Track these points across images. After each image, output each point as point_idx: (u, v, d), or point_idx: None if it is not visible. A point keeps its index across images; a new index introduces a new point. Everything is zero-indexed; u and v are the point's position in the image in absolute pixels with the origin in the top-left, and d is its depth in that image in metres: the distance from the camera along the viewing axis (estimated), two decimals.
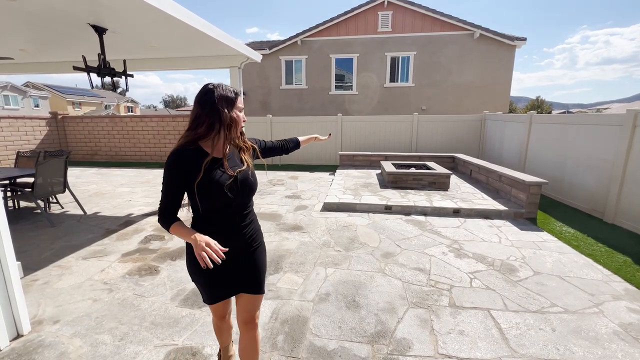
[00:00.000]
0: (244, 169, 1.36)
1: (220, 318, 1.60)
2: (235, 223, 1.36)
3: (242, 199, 1.36)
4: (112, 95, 42.60)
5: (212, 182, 1.26)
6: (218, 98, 1.26)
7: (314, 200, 5.61)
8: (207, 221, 1.33)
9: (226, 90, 1.30)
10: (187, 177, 1.25)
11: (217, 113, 1.25)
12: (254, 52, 5.67)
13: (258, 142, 1.62)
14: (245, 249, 1.42)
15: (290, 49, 13.76)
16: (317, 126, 9.45)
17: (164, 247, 3.62)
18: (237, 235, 1.37)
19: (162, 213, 1.33)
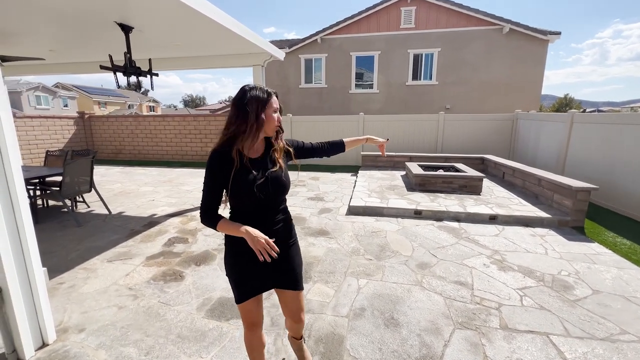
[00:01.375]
0: (275, 169, 1.38)
1: (249, 326, 1.51)
2: (268, 220, 1.40)
3: (274, 198, 1.40)
4: (135, 95, 43.96)
5: (242, 182, 1.30)
6: (249, 99, 1.28)
7: (337, 202, 5.40)
8: (243, 218, 1.35)
9: (259, 91, 1.31)
10: (222, 176, 1.31)
11: (245, 114, 1.28)
12: (277, 50, 5.53)
13: (294, 143, 1.61)
14: (280, 245, 1.40)
15: (310, 48, 13.59)
16: (338, 126, 9.23)
17: (188, 251, 3.52)
18: (271, 232, 1.38)
19: (204, 212, 1.36)
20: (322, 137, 9.34)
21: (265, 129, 1.34)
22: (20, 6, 3.27)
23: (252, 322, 1.49)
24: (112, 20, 3.60)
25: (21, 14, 3.50)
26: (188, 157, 10.41)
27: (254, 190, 1.30)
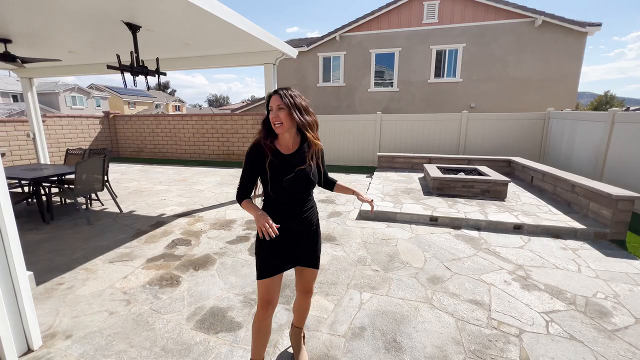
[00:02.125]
0: (304, 167, 1.50)
1: (264, 304, 1.59)
2: (296, 209, 1.55)
3: (301, 191, 1.54)
4: (162, 95, 45.67)
5: (272, 175, 1.47)
6: (266, 101, 1.51)
7: (349, 206, 5.17)
8: (273, 205, 1.54)
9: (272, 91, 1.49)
10: (255, 166, 1.51)
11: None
12: (289, 48, 5.37)
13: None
14: (305, 230, 1.61)
15: (329, 45, 13.37)
16: (353, 126, 8.96)
17: (189, 254, 3.43)
18: (298, 220, 1.56)
19: (238, 192, 1.57)
20: (337, 137, 9.14)
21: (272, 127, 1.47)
22: (35, 8, 3.31)
23: (268, 300, 1.58)
24: (119, 19, 3.58)
25: (36, 16, 3.55)
26: (205, 156, 10.54)
27: (282, 183, 1.46)
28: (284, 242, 1.55)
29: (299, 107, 1.44)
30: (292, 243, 1.58)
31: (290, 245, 1.57)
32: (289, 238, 1.55)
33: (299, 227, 1.58)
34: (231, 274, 3.01)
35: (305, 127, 1.48)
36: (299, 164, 1.49)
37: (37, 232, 4.04)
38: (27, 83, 7.22)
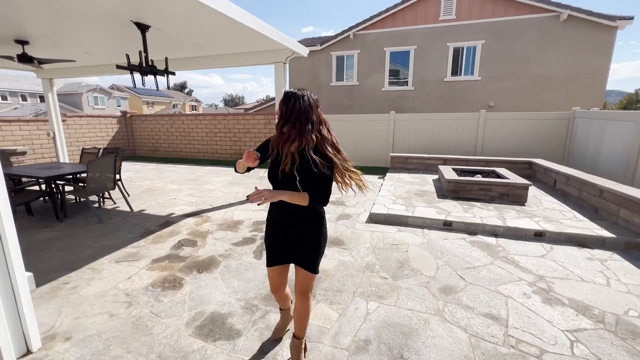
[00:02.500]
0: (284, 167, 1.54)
1: (273, 290, 1.91)
2: (282, 203, 1.58)
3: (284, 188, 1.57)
4: (180, 95, 46.69)
5: (270, 166, 1.63)
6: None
7: (359, 208, 5.02)
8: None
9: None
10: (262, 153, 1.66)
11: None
12: (299, 46, 5.27)
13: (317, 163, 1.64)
14: (294, 227, 1.66)
15: (342, 44, 13.21)
16: (366, 125, 8.78)
17: (194, 255, 3.39)
18: (284, 214, 1.65)
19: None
20: (349, 137, 8.98)
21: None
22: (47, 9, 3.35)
23: (273, 287, 1.90)
24: (128, 19, 3.58)
25: (49, 17, 3.60)
26: (217, 155, 10.61)
27: (271, 175, 1.62)
28: (277, 234, 1.72)
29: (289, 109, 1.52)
30: (285, 238, 1.70)
31: (283, 239, 1.70)
32: (280, 231, 1.70)
33: (286, 221, 1.67)
34: (235, 277, 2.94)
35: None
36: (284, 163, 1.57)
37: (50, 230, 4.12)
38: (47, 84, 7.45)
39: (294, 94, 1.50)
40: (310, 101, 1.51)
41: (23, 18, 3.68)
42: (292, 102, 1.49)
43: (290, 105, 1.48)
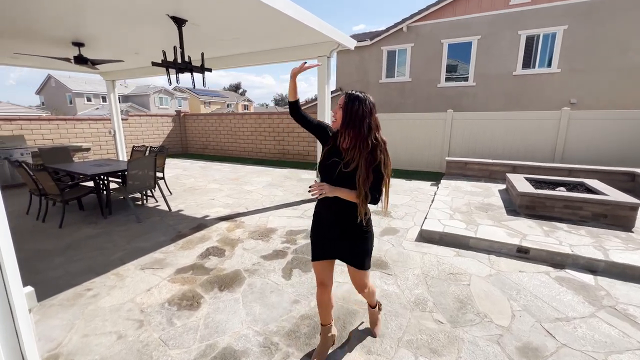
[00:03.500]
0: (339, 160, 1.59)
1: (318, 284, 1.86)
2: (329, 199, 1.64)
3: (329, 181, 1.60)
4: (234, 95, 49.24)
5: (322, 155, 1.69)
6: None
7: (407, 221, 4.35)
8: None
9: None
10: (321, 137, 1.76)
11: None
12: (345, 37, 4.76)
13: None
14: (346, 225, 1.68)
15: (394, 38, 12.33)
16: (420, 125, 7.92)
17: (219, 267, 3.10)
18: (330, 211, 1.69)
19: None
20: (399, 138, 8.20)
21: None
22: (94, 10, 3.32)
23: (320, 281, 1.85)
24: (164, 13, 3.42)
25: (97, 18, 3.60)
26: (261, 155, 10.59)
27: (319, 166, 1.68)
28: (323, 230, 1.75)
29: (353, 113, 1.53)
30: (331, 234, 1.73)
31: (329, 235, 1.74)
32: (327, 226, 1.73)
33: (335, 218, 1.69)
34: (257, 300, 2.55)
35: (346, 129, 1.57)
36: (338, 156, 1.60)
37: (93, 227, 4.20)
38: (110, 85, 7.99)
39: (357, 97, 1.53)
40: (371, 105, 1.54)
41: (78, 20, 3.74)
42: (355, 105, 1.52)
43: (355, 108, 1.51)
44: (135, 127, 10.66)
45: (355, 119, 1.51)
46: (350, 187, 1.56)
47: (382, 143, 1.56)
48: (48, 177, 3.99)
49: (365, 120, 1.51)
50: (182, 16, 3.52)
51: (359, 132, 1.51)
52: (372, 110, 1.55)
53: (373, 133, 1.54)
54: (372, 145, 1.52)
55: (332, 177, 1.60)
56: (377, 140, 1.54)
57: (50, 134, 8.69)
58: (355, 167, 1.52)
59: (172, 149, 11.97)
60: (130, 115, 10.54)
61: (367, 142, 1.52)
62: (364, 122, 1.51)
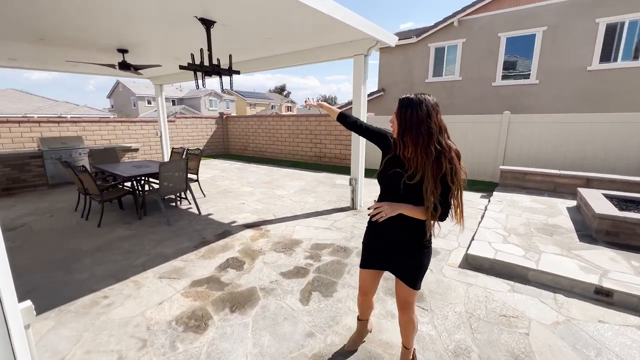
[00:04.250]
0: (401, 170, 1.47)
1: (362, 293, 1.84)
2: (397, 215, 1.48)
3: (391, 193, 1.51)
4: (278, 97, 50.58)
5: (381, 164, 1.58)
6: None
7: (451, 240, 3.79)
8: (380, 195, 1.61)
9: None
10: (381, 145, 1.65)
11: None
12: (384, 33, 4.32)
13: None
14: (397, 238, 1.57)
15: (443, 33, 11.41)
16: (470, 129, 7.10)
17: (235, 283, 2.90)
18: (389, 223, 1.49)
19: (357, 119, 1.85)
20: None
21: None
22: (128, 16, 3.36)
23: (363, 290, 1.83)
24: (192, 15, 3.32)
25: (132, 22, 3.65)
26: (298, 157, 10.46)
27: (379, 176, 1.57)
28: (379, 239, 1.64)
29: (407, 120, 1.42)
30: (386, 245, 1.62)
31: (384, 245, 1.63)
32: (383, 237, 1.62)
33: (393, 230, 1.57)
34: (268, 328, 2.28)
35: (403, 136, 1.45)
36: (400, 166, 1.47)
37: (126, 228, 4.31)
38: (158, 89, 8.43)
39: (410, 102, 1.41)
40: (429, 108, 1.39)
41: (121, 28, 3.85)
42: (408, 111, 1.40)
43: (408, 114, 1.40)
44: (182, 129, 11.22)
45: (411, 125, 1.40)
46: (415, 201, 1.44)
47: (447, 149, 1.39)
48: (89, 177, 4.17)
49: (422, 125, 1.37)
50: (210, 17, 3.41)
51: (417, 139, 1.38)
52: (431, 112, 1.39)
53: (435, 138, 1.38)
54: (436, 153, 1.37)
55: (395, 190, 1.49)
56: (442, 146, 1.38)
57: (108, 134, 9.46)
58: (421, 178, 1.39)
59: (215, 150, 12.41)
60: (178, 117, 11.11)
61: (430, 149, 1.37)
62: (421, 127, 1.37)
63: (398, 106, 1.45)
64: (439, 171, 1.37)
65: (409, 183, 1.42)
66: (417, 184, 1.40)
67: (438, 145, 1.38)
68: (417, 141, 1.38)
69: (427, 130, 1.36)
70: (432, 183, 1.37)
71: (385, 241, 1.61)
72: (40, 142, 6.58)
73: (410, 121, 1.39)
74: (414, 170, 1.41)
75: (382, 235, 1.62)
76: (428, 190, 1.37)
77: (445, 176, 1.38)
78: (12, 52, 5.03)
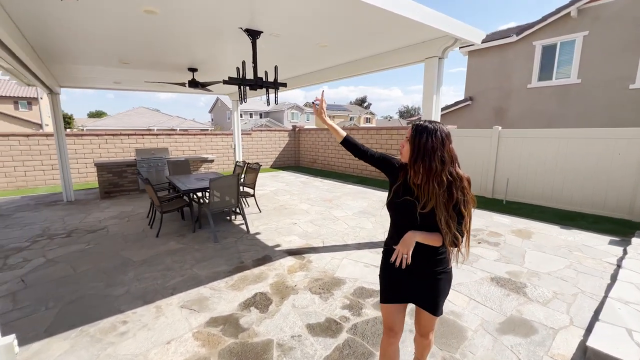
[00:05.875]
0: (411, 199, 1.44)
1: (386, 330, 1.64)
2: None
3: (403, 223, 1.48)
4: (357, 109, 50.62)
5: (391, 191, 1.54)
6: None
7: (557, 311, 2.62)
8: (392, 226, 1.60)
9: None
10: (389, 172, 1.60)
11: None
12: (465, 29, 3.45)
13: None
14: (423, 267, 1.50)
15: (555, 28, 9.28)
16: (592, 145, 5.34)
17: (252, 330, 2.46)
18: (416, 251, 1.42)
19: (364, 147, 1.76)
20: (549, 164, 5.81)
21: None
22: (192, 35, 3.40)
23: (389, 327, 1.63)
24: (236, 26, 3.12)
25: (197, 41, 3.71)
26: (366, 173, 9.79)
27: (388, 204, 1.53)
28: (398, 271, 1.52)
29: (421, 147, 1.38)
30: (406, 276, 1.54)
31: (404, 277, 1.55)
32: (401, 269, 1.49)
33: (416, 263, 1.47)
34: None
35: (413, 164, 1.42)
36: (410, 194, 1.45)
37: (178, 241, 4.37)
38: (235, 105, 8.96)
39: (426, 129, 1.39)
40: (443, 136, 1.38)
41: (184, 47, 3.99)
42: (424, 137, 1.37)
43: (423, 141, 1.37)
44: (257, 141, 11.80)
45: (425, 152, 1.36)
46: (429, 229, 1.42)
47: (458, 179, 1.38)
48: (151, 189, 4.39)
49: (436, 153, 1.35)
50: (256, 27, 3.16)
51: (430, 168, 1.36)
52: (445, 141, 1.38)
53: (447, 168, 1.37)
54: (447, 182, 1.36)
55: (408, 218, 1.46)
56: (453, 177, 1.37)
57: (194, 145, 10.52)
58: (432, 207, 1.37)
59: (286, 162, 12.70)
60: (254, 130, 11.75)
61: (442, 179, 1.36)
62: (434, 155, 1.35)
63: (412, 132, 1.41)
64: (451, 200, 1.37)
65: (422, 212, 1.40)
66: (430, 212, 1.39)
67: (449, 175, 1.37)
68: (429, 169, 1.36)
69: (440, 158, 1.35)
70: (446, 212, 1.36)
71: (408, 273, 1.53)
72: (136, 153, 7.57)
73: (424, 148, 1.36)
74: (425, 199, 1.39)
75: (404, 269, 1.50)
76: (442, 220, 1.36)
77: (458, 205, 1.37)
78: (114, 76, 5.87)
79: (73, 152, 8.60)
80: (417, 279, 1.52)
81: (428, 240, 1.40)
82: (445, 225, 1.35)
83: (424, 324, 1.63)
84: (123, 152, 9.35)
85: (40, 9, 2.77)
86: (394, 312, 1.60)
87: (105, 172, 7.06)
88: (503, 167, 6.52)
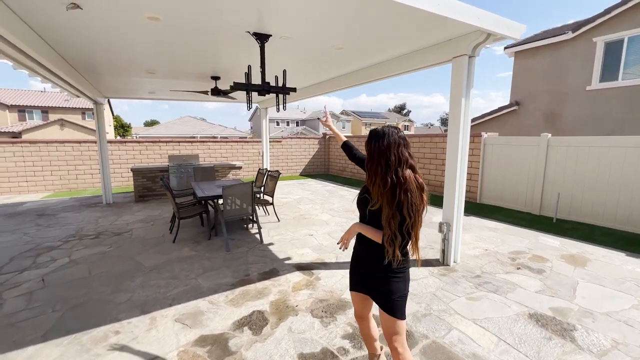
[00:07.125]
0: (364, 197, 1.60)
1: (356, 317, 1.88)
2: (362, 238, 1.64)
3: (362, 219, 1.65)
4: (395, 116, 49.38)
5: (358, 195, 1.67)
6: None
7: None
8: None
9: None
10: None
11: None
12: (499, 22, 3.03)
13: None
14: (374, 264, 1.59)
15: (620, 22, 8.09)
16: None
17: (240, 354, 2.25)
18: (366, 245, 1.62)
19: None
20: (603, 178, 4.92)
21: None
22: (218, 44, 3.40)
23: (357, 314, 1.88)
24: (243, 30, 3.02)
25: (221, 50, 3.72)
26: None
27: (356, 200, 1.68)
28: (356, 265, 1.73)
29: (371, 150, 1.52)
30: (362, 269, 1.68)
31: (361, 270, 1.69)
32: (358, 262, 1.70)
33: (363, 254, 1.66)
34: None
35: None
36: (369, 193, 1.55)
37: (191, 248, 4.36)
38: (264, 112, 9.05)
39: (377, 133, 1.52)
40: (390, 140, 1.47)
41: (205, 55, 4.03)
42: (372, 142, 1.52)
43: (372, 145, 1.51)
44: (287, 148, 11.84)
45: (373, 155, 1.50)
46: (377, 225, 1.52)
47: (403, 181, 1.43)
48: (170, 195, 4.46)
49: (383, 156, 1.47)
50: (264, 31, 3.04)
51: (376, 169, 1.48)
52: (391, 145, 1.47)
53: (393, 170, 1.44)
54: (391, 183, 1.43)
55: (362, 214, 1.62)
56: (398, 178, 1.43)
57: (226, 152, 10.82)
58: (381, 206, 1.46)
59: (316, 170, 12.57)
60: (284, 138, 11.81)
61: (387, 179, 1.44)
62: (382, 158, 1.47)
63: (367, 137, 1.54)
64: (393, 200, 1.42)
65: (371, 209, 1.51)
66: (378, 210, 1.48)
67: (394, 176, 1.43)
68: (376, 170, 1.47)
69: (386, 160, 1.45)
70: (389, 211, 1.43)
71: (359, 260, 1.70)
72: (168, 159, 7.93)
73: (372, 152, 1.50)
74: (375, 198, 1.48)
75: (356, 254, 1.73)
76: (384, 218, 1.44)
77: (402, 207, 1.41)
78: (146, 86, 6.20)
79: (117, 158, 9.29)
80: (366, 272, 1.65)
81: (369, 233, 1.54)
82: (386, 222, 1.43)
83: (384, 325, 1.65)
84: (161, 158, 9.90)
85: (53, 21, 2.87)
86: (357, 300, 1.81)
87: (140, 177, 7.46)
88: (553, 179, 5.69)
